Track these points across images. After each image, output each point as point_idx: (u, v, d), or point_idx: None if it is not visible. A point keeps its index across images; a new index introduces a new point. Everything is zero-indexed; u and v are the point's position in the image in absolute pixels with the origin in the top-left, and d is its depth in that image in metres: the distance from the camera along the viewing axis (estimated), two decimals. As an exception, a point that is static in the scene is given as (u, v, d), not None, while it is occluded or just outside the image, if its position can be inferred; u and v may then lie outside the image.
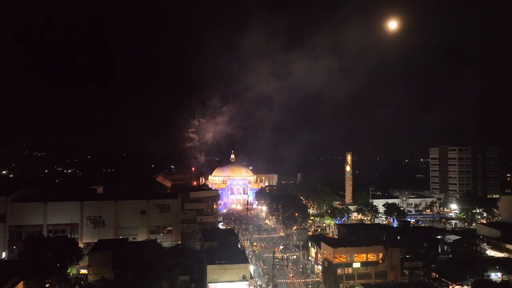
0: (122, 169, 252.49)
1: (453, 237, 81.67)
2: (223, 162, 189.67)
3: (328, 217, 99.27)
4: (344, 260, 59.60)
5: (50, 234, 72.75)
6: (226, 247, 64.04)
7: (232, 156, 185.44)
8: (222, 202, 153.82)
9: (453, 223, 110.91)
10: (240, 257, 59.68)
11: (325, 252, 62.22)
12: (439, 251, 75.34)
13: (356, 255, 60.29)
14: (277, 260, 66.16)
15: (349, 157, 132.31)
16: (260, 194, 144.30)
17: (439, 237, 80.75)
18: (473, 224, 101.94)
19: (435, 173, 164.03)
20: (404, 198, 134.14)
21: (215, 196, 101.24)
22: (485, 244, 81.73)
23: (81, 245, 75.28)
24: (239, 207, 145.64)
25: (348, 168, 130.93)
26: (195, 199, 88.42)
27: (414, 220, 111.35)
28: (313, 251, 70.99)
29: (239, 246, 69.91)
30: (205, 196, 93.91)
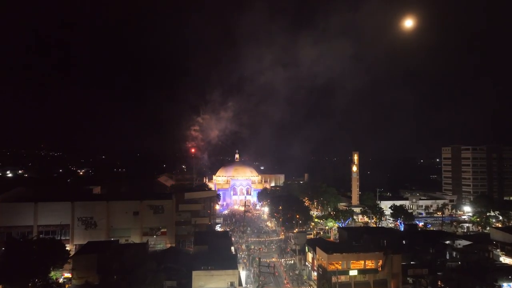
0: (133, 169, 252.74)
1: (463, 242, 76.28)
2: (228, 162, 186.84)
3: (331, 220, 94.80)
4: (340, 267, 55.50)
5: (41, 235, 71.27)
6: (217, 251, 60.93)
7: (237, 155, 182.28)
8: (225, 203, 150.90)
9: (466, 227, 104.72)
10: (229, 263, 56.30)
11: (320, 258, 58.21)
12: (447, 257, 70.33)
13: (353, 261, 56.05)
14: (265, 267, 62.21)
15: (355, 157, 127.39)
16: (262, 194, 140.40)
17: (448, 242, 75.45)
18: (487, 228, 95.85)
19: (448, 173, 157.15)
20: (414, 200, 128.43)
21: (212, 197, 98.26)
22: (498, 250, 76.31)
23: (72, 246, 73.61)
24: (242, 208, 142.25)
25: (354, 168, 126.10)
26: (190, 200, 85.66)
27: (422, 223, 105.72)
28: (310, 256, 66.95)
29: (232, 250, 66.59)
30: (201, 197, 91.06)
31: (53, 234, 72.85)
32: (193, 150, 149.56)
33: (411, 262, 63.80)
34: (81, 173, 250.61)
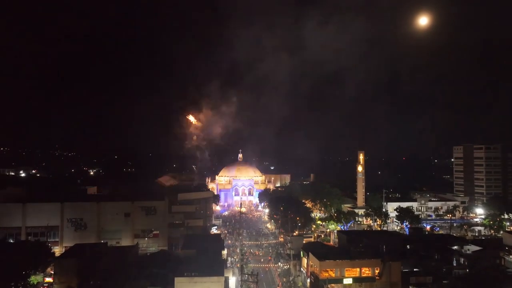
0: (143, 169, 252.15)
1: (473, 248, 71.03)
2: (231, 161, 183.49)
3: (333, 222, 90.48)
4: (334, 274, 51.58)
5: (29, 237, 69.69)
6: (205, 255, 57.78)
7: (240, 155, 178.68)
8: (226, 204, 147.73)
9: (477, 231, 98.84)
10: (216, 268, 53.01)
11: (313, 264, 54.38)
12: (454, 264, 65.52)
13: (347, 269, 52.08)
14: (249, 275, 58.63)
15: (361, 156, 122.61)
16: (262, 195, 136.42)
17: (455, 247, 70.40)
18: (500, 232, 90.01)
19: (459, 174, 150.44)
20: (423, 201, 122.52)
21: (209, 197, 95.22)
22: (511, 256, 70.86)
23: (61, 249, 71.66)
24: (244, 209, 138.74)
25: (360, 168, 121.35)
26: (184, 201, 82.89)
27: (429, 226, 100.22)
28: (305, 261, 63.07)
29: (223, 255, 63.35)
30: (197, 197, 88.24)
31: (42, 235, 71.28)
32: (196, 150, 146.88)
33: (414, 269, 59.46)
34: (91, 173, 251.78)
